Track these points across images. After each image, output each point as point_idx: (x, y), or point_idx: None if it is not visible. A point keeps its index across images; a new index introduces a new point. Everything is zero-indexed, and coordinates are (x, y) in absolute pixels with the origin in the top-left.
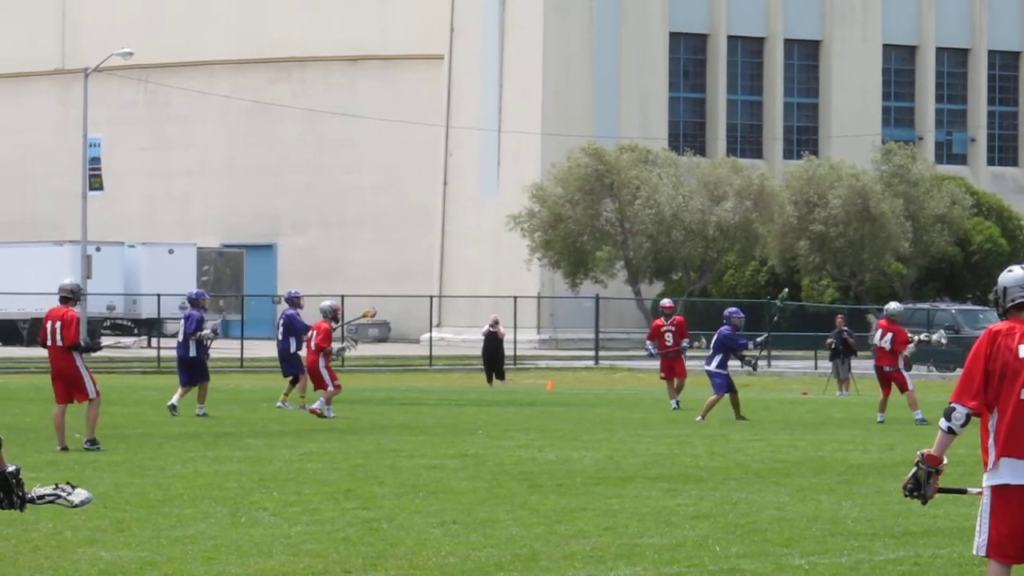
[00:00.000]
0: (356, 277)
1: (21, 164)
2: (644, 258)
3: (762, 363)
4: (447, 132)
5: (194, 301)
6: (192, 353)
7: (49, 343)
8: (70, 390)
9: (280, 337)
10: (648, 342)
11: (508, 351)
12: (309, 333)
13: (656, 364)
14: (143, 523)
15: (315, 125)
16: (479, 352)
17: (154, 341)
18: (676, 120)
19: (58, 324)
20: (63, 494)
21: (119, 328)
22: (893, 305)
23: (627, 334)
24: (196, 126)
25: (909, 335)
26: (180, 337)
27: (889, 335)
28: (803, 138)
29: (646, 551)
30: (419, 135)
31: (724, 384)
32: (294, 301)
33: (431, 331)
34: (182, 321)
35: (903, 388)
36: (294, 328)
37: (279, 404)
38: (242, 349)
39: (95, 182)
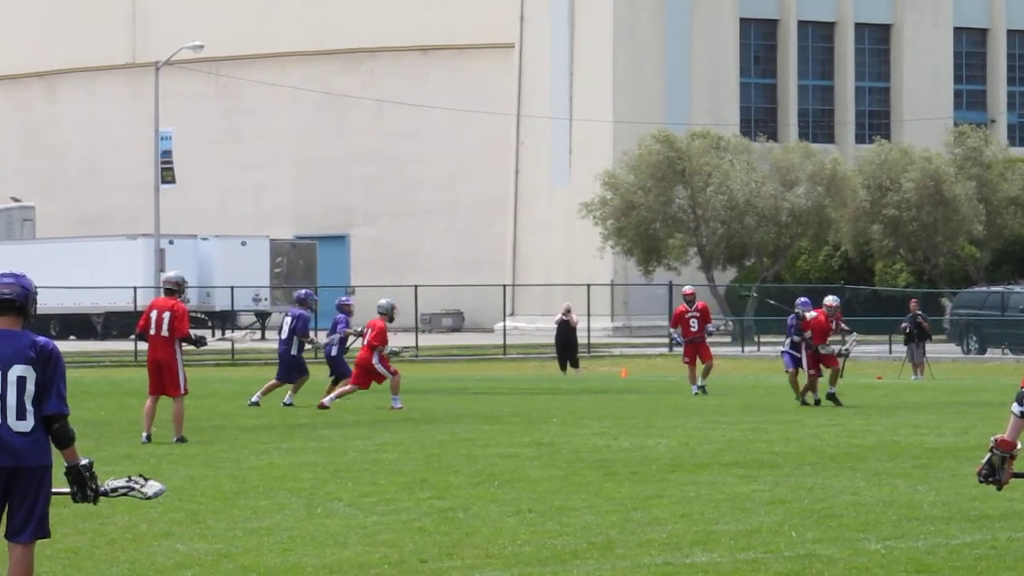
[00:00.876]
0: (428, 267)
1: (93, 158)
2: (717, 244)
3: (836, 347)
4: (518, 121)
5: (302, 301)
6: (294, 351)
7: (153, 332)
8: (164, 383)
9: (284, 337)
10: (672, 329)
11: (582, 339)
12: (363, 329)
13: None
14: (218, 515)
15: (385, 116)
16: (553, 340)
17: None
18: (747, 106)
19: (166, 315)
20: (136, 487)
21: (193, 321)
22: (829, 298)
23: None
24: (267, 118)
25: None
26: (283, 334)
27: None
28: (875, 122)
29: (722, 538)
30: (490, 124)
31: (791, 361)
32: (305, 302)
33: (505, 320)
34: (287, 319)
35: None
36: (299, 330)
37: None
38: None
39: (167, 175)
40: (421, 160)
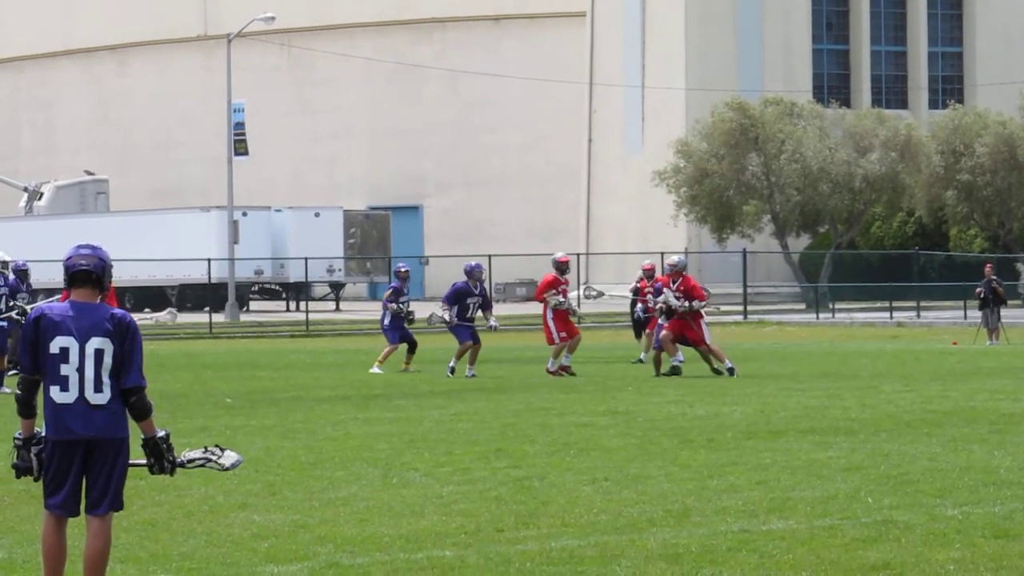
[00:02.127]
0: (501, 236)
1: (166, 131)
2: (791, 211)
3: (911, 314)
4: (591, 89)
5: (469, 273)
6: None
7: None
8: None
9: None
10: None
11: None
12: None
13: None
14: (295, 486)
15: (458, 86)
16: (627, 309)
17: (302, 304)
18: (820, 72)
19: None
20: (213, 457)
21: (267, 292)
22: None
23: (775, 288)
24: (339, 89)
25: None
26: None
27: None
28: (948, 87)
29: (798, 504)
30: (562, 93)
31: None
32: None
33: (579, 289)
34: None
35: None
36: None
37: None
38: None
39: (240, 147)
40: (494, 130)
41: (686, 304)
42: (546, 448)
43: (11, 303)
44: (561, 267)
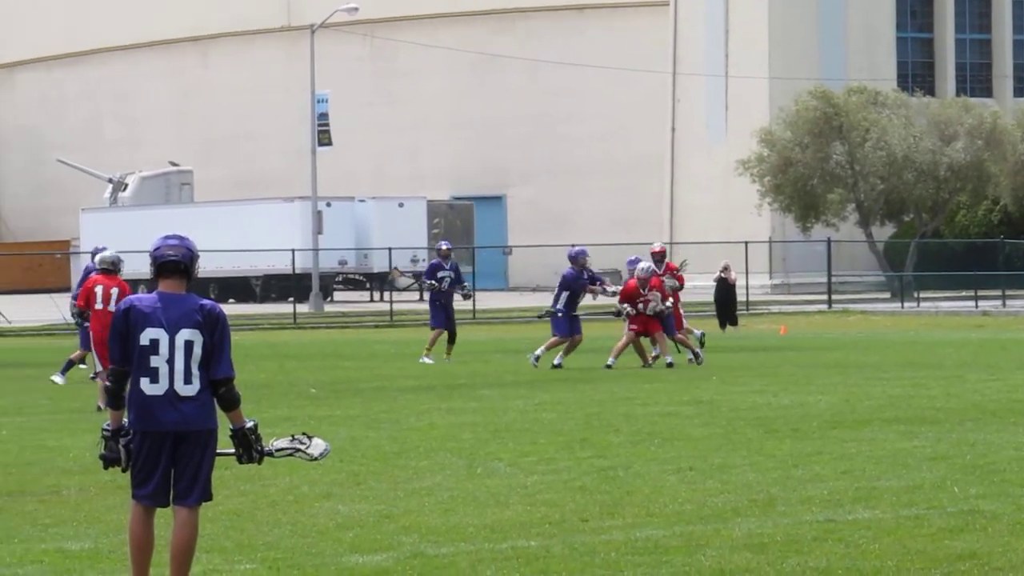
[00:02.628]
0: (584, 226)
1: (250, 122)
2: (875, 200)
3: (996, 302)
4: (674, 79)
5: (573, 259)
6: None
7: (100, 307)
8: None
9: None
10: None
11: (740, 296)
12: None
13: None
14: (379, 476)
15: (540, 75)
16: (711, 298)
17: (386, 295)
18: (904, 61)
19: (114, 291)
20: (301, 447)
21: (351, 283)
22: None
23: (860, 277)
24: (421, 80)
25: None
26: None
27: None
28: None
29: (884, 494)
30: (645, 83)
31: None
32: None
33: (684, 270)
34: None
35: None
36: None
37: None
38: (474, 301)
39: (323, 138)
40: (576, 119)
41: (668, 305)
42: (630, 438)
43: None
44: (656, 258)
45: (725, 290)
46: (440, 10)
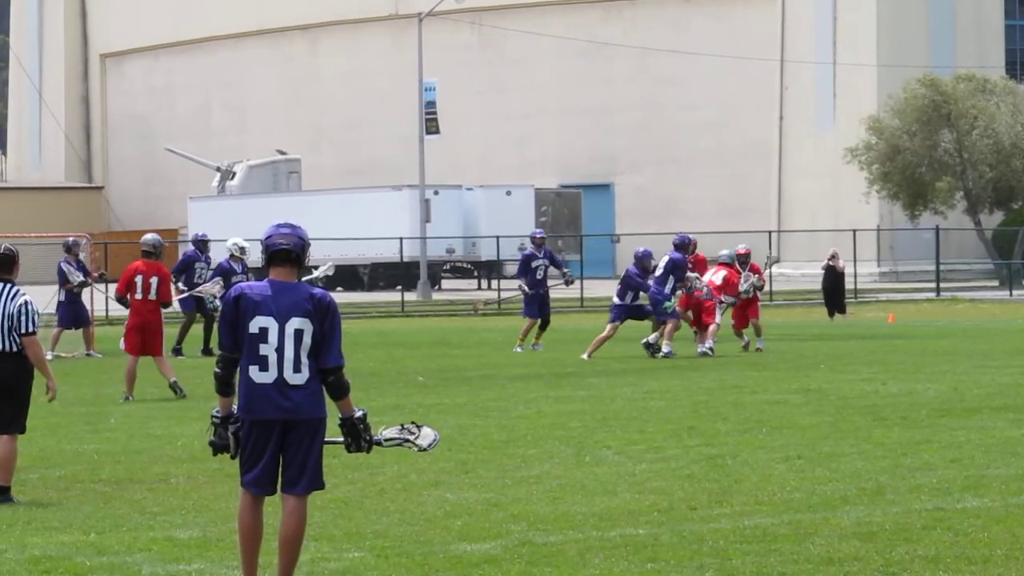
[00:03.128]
0: (693, 214)
1: (357, 110)
2: (984, 188)
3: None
4: (782, 66)
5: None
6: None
7: (140, 296)
8: (146, 344)
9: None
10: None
11: (848, 284)
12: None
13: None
14: (487, 464)
15: (648, 63)
16: (819, 286)
17: (494, 283)
18: (1012, 48)
19: (153, 280)
20: (411, 437)
21: (459, 271)
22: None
23: (968, 265)
24: (530, 68)
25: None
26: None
27: (721, 273)
28: None
29: (993, 482)
30: (753, 70)
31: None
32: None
33: (770, 266)
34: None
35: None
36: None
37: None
38: (582, 289)
39: (431, 126)
40: (684, 107)
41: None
42: (738, 426)
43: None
44: (741, 260)
45: (833, 278)
46: None
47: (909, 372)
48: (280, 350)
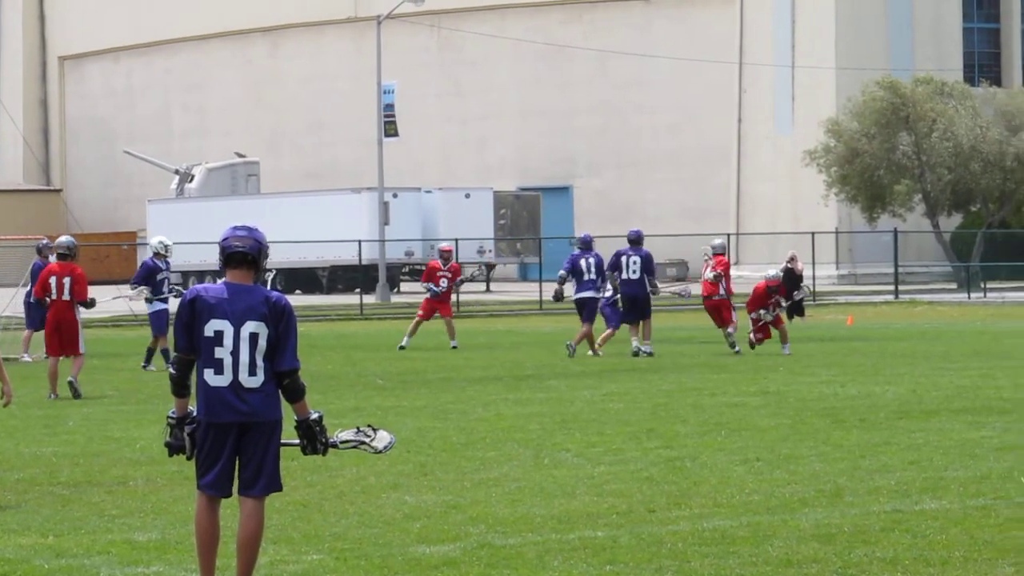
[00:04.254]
0: (652, 217)
1: (317, 113)
2: (942, 191)
3: None
4: (740, 69)
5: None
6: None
7: (54, 296)
8: (63, 344)
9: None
10: (426, 283)
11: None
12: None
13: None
14: (446, 467)
15: (607, 66)
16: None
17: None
18: (970, 51)
19: (67, 280)
20: (366, 439)
21: (418, 273)
22: (717, 241)
23: (927, 267)
24: (489, 70)
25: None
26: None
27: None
28: None
29: (951, 484)
30: (712, 73)
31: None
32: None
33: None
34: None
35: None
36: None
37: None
38: (541, 291)
39: (390, 129)
40: (644, 110)
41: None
42: (697, 428)
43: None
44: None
45: (792, 281)
46: (508, 0)
47: (868, 374)
48: (235, 353)
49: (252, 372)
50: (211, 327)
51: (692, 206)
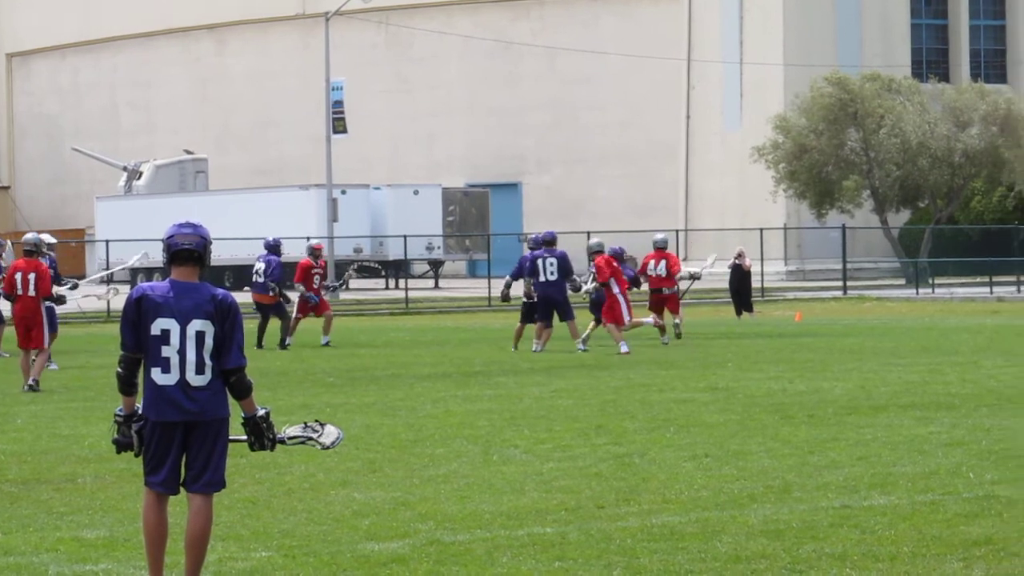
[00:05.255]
0: (601, 214)
1: (265, 110)
2: (890, 187)
3: (1011, 288)
4: (689, 66)
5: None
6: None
7: (20, 292)
8: (31, 337)
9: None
10: (299, 284)
11: (755, 283)
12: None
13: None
14: (395, 463)
15: (556, 63)
16: (726, 285)
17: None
18: (919, 47)
19: (32, 276)
20: (314, 435)
21: (366, 270)
22: (660, 236)
23: (875, 263)
24: (438, 67)
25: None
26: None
27: (663, 262)
28: None
29: (899, 480)
30: (661, 70)
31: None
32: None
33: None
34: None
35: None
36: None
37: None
38: (489, 288)
39: (339, 126)
40: (593, 107)
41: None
42: (646, 424)
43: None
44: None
45: (740, 277)
46: None
47: (816, 370)
48: (182, 352)
49: (199, 371)
50: (158, 325)
51: (641, 202)
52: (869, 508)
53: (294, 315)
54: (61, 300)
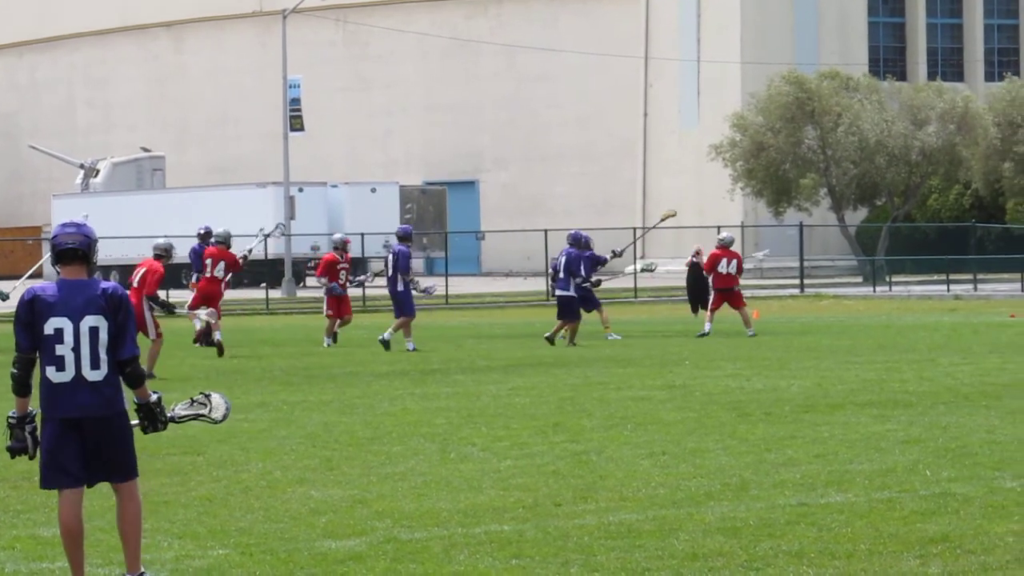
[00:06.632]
0: (559, 211)
1: (222, 107)
2: (848, 185)
3: (968, 286)
4: (646, 64)
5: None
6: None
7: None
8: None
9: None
10: (321, 279)
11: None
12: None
13: None
14: (352, 461)
15: (514, 61)
16: (683, 283)
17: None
18: (876, 46)
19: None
20: (203, 411)
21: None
22: (726, 235)
23: (832, 261)
24: (395, 65)
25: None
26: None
27: (734, 261)
28: (1004, 60)
29: (856, 477)
30: (618, 68)
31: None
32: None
33: (635, 263)
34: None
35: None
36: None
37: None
38: (447, 286)
39: (296, 123)
40: (551, 104)
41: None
42: (604, 422)
43: None
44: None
45: (697, 275)
46: None
47: (773, 368)
48: (76, 349)
49: (95, 366)
50: (51, 325)
51: (598, 200)
52: (826, 506)
53: (325, 313)
54: (3, 297)
